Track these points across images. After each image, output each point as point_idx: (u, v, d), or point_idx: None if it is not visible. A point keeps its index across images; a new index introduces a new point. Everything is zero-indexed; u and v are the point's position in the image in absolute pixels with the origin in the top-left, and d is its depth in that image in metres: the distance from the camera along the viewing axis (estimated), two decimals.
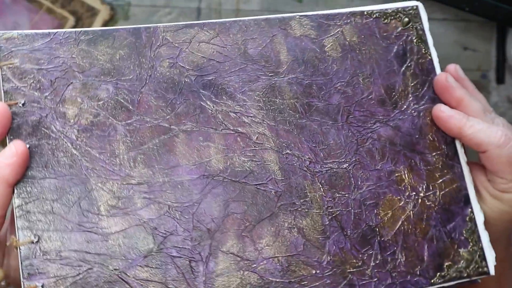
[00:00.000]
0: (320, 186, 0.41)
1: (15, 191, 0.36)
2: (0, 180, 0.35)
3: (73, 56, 0.39)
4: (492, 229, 0.44)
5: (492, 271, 0.43)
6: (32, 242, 0.35)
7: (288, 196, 0.40)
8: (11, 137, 0.37)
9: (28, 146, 0.37)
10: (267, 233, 0.39)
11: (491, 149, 0.42)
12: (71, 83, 0.39)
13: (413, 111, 0.44)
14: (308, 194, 0.41)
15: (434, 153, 0.44)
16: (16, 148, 0.36)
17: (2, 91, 0.37)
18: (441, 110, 0.44)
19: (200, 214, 0.39)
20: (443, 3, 0.55)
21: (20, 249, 0.35)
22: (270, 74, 0.42)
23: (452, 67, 0.46)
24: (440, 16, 0.58)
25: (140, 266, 0.37)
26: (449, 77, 0.44)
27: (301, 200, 0.41)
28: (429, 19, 0.46)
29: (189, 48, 0.42)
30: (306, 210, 0.41)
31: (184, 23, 0.42)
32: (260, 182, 0.40)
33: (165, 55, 0.41)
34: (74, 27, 0.56)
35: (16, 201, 0.36)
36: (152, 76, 0.40)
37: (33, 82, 0.38)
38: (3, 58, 0.38)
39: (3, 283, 0.36)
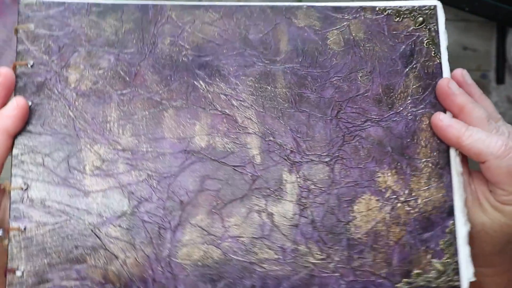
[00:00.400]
0: (297, 176, 0.42)
1: (15, 142, 0.41)
2: (2, 130, 0.39)
3: (83, 25, 0.43)
4: (493, 241, 0.42)
5: (465, 286, 0.42)
6: (22, 189, 0.40)
7: (263, 181, 0.42)
8: (18, 94, 0.41)
9: (30, 103, 0.41)
10: (237, 213, 0.41)
11: (491, 159, 0.40)
12: (77, 50, 0.42)
13: (409, 114, 0.44)
14: (284, 182, 0.42)
15: (424, 160, 0.43)
16: (17, 102, 0.40)
17: (16, 52, 0.42)
18: (439, 119, 0.43)
19: (175, 186, 0.41)
20: (443, 3, 0.51)
21: (10, 193, 0.40)
22: (266, 61, 0.44)
23: (459, 72, 0.45)
24: None
25: (112, 225, 0.40)
26: (451, 83, 0.43)
27: (276, 187, 0.42)
28: None
29: (191, 28, 0.44)
30: (279, 197, 0.42)
31: (191, 3, 0.44)
32: (238, 164, 0.42)
33: (167, 33, 0.43)
34: None
35: (14, 151, 0.41)
36: (152, 52, 0.43)
37: (43, 46, 0.42)
38: (21, 21, 0.42)
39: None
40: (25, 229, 0.40)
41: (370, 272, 0.41)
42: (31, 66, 0.42)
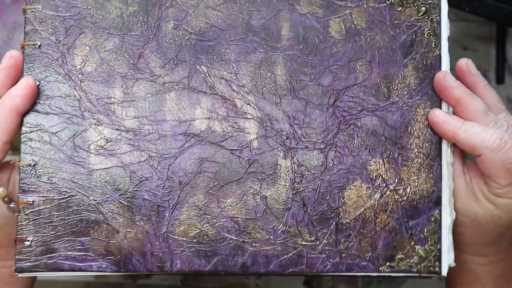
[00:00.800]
0: (292, 161, 0.44)
1: (23, 120, 0.43)
2: (11, 108, 0.41)
3: (89, 7, 0.44)
4: (485, 231, 0.44)
5: (444, 273, 0.44)
6: (30, 165, 0.43)
7: (259, 165, 0.44)
8: (26, 74, 0.43)
9: (38, 83, 0.43)
10: (232, 194, 0.44)
11: (486, 152, 0.41)
12: (83, 32, 0.44)
13: (404, 105, 0.45)
14: (279, 167, 0.44)
15: (416, 150, 0.45)
16: (26, 82, 0.42)
17: (24, 32, 0.43)
18: (435, 115, 0.44)
19: (175, 167, 0.43)
20: None
21: (20, 169, 0.43)
22: (267, 48, 0.44)
23: (464, 62, 0.45)
24: None
25: (114, 201, 0.43)
26: (448, 76, 0.44)
27: (271, 171, 0.44)
28: None
29: (195, 12, 0.44)
30: (273, 181, 0.44)
31: None
32: (236, 148, 0.44)
33: (171, 16, 0.44)
34: None
35: (23, 129, 0.43)
36: (156, 35, 0.44)
37: (50, 27, 0.43)
38: (28, 2, 0.43)
39: (6, 199, 0.44)
40: (33, 202, 0.42)
41: (356, 255, 0.44)
42: (39, 46, 0.43)
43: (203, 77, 0.44)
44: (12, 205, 0.43)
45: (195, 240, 0.43)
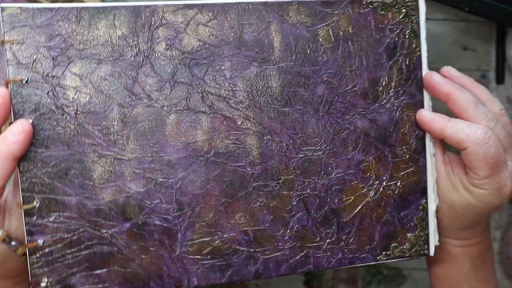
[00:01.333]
0: (293, 170, 0.46)
1: (20, 162, 0.40)
2: (8, 156, 0.39)
3: (74, 34, 0.41)
4: (460, 217, 0.48)
5: (431, 253, 0.49)
6: (35, 207, 0.41)
7: (263, 178, 0.45)
8: (16, 113, 0.40)
9: (31, 121, 0.40)
10: (240, 209, 0.45)
11: (471, 146, 0.44)
12: (72, 61, 0.41)
13: (391, 106, 0.47)
14: (281, 177, 0.46)
15: (403, 147, 0.48)
16: (22, 126, 0.39)
17: (7, 67, 0.40)
18: (423, 115, 0.47)
19: (182, 189, 0.44)
20: (443, 3, 0.54)
21: (24, 212, 0.41)
22: (261, 61, 0.45)
23: (445, 69, 0.48)
24: (440, 16, 0.58)
25: (126, 230, 0.43)
26: (434, 75, 0.46)
27: (274, 182, 0.45)
28: (429, 19, 0.47)
29: (186, 30, 0.43)
30: (277, 191, 0.46)
31: (183, 2, 0.43)
32: (239, 164, 0.45)
33: (162, 37, 0.43)
34: None
35: (21, 170, 0.41)
36: (149, 58, 0.42)
37: (35, 58, 0.40)
38: (7, 34, 0.40)
39: (6, 239, 0.42)
40: (43, 243, 0.41)
41: (356, 249, 0.48)
42: (26, 81, 0.40)
43: (201, 96, 0.44)
44: (13, 243, 0.42)
45: (209, 257, 0.45)
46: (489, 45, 0.62)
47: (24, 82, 0.40)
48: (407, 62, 0.47)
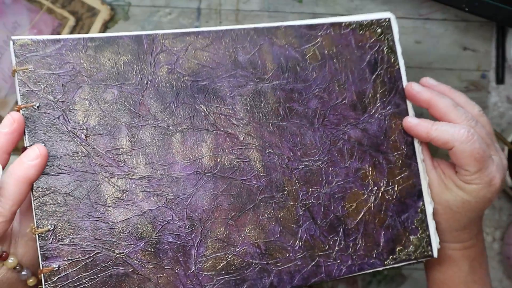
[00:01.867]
0: (296, 181, 0.48)
1: (34, 185, 0.41)
2: (25, 180, 0.40)
3: (82, 61, 0.43)
4: (457, 217, 0.50)
5: (435, 254, 0.51)
6: (49, 230, 0.41)
7: (268, 190, 0.47)
8: (29, 137, 0.41)
9: (43, 144, 0.41)
10: (249, 222, 0.46)
11: (457, 145, 0.47)
12: (80, 87, 0.43)
13: (380, 115, 0.51)
14: (286, 188, 0.47)
15: (395, 153, 0.51)
16: (40, 151, 0.40)
17: (19, 95, 0.42)
18: (409, 121, 0.50)
19: (193, 206, 0.45)
20: (443, 3, 0.56)
21: (38, 236, 0.41)
22: (256, 80, 0.48)
23: (424, 79, 0.53)
24: (440, 16, 0.61)
25: (141, 249, 0.43)
26: (414, 85, 0.50)
27: (280, 194, 0.47)
28: (429, 19, 0.50)
29: (185, 55, 0.46)
30: (284, 202, 0.47)
31: (181, 30, 0.46)
32: (245, 178, 0.46)
33: (164, 62, 0.45)
34: (74, 27, 0.58)
35: (34, 194, 0.41)
36: (152, 81, 0.45)
37: (46, 86, 0.42)
38: (18, 64, 0.42)
39: (17, 268, 0.42)
40: (58, 267, 0.41)
41: (364, 254, 0.49)
42: (38, 107, 0.42)
43: (204, 115, 0.46)
44: (24, 273, 0.41)
45: (223, 272, 0.45)
46: (489, 45, 0.63)
47: (35, 107, 0.42)
48: (389, 75, 0.51)
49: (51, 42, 0.43)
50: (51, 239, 0.41)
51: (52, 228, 0.41)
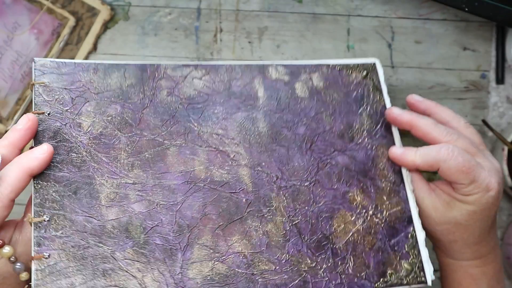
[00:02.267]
0: (284, 198, 0.50)
1: (35, 180, 0.45)
2: (27, 170, 0.44)
3: (91, 81, 0.49)
4: (469, 230, 0.50)
5: (429, 282, 0.50)
6: (44, 221, 0.44)
7: (256, 204, 0.49)
8: (37, 138, 0.46)
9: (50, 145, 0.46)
10: (237, 232, 0.48)
11: (441, 164, 0.49)
12: (88, 101, 0.49)
13: (367, 145, 0.53)
14: (273, 204, 0.49)
15: (383, 180, 0.52)
16: (48, 147, 0.45)
17: (33, 103, 0.47)
18: (393, 152, 0.53)
19: (182, 212, 0.47)
20: (443, 3, 0.57)
21: (33, 224, 0.44)
22: (248, 107, 0.52)
23: (409, 97, 0.56)
24: (440, 16, 0.63)
25: (129, 248, 0.45)
26: (393, 109, 0.54)
27: (267, 208, 0.49)
28: (429, 19, 0.51)
29: (184, 82, 0.52)
30: (271, 216, 0.49)
31: (181, 63, 0.53)
32: (234, 191, 0.49)
33: (164, 86, 0.51)
34: (74, 27, 0.61)
35: (35, 186, 0.45)
36: (152, 101, 0.50)
37: (58, 97, 0.48)
38: (37, 78, 0.48)
39: (12, 259, 0.44)
40: (49, 256, 0.43)
41: (353, 275, 0.48)
42: (48, 114, 0.47)
43: (197, 133, 0.50)
44: (18, 266, 0.43)
45: (208, 277, 0.46)
46: (489, 45, 0.64)
47: (46, 114, 0.47)
48: (375, 110, 0.55)
49: (67, 64, 0.50)
50: (45, 229, 0.44)
51: (47, 219, 0.44)
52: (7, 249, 0.43)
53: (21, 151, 0.46)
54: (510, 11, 0.56)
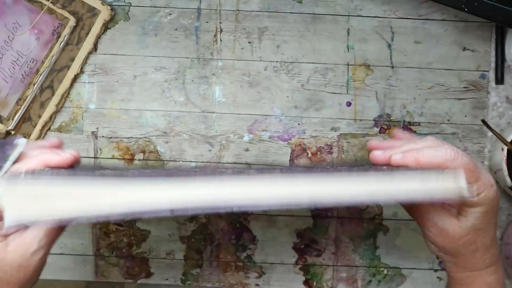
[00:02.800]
0: None
1: None
2: (43, 160, 0.44)
3: None
4: (487, 230, 0.50)
5: None
6: None
7: None
8: None
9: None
10: None
11: (449, 164, 0.48)
12: None
13: None
14: None
15: None
16: (74, 152, 0.47)
17: None
18: (394, 158, 0.50)
19: None
20: (443, 3, 0.57)
21: None
22: None
23: (394, 131, 0.57)
24: (439, 16, 0.63)
25: None
26: (374, 153, 0.52)
27: None
28: (429, 19, 0.53)
29: None
30: None
31: None
32: None
33: None
34: (75, 27, 0.62)
35: None
36: None
37: None
38: None
39: None
40: None
41: None
42: None
43: None
44: None
45: None
46: (489, 45, 0.64)
47: None
48: None
49: None
50: None
51: None
52: None
53: None
54: (510, 11, 0.56)
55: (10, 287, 0.42)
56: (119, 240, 0.63)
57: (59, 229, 0.44)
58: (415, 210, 0.52)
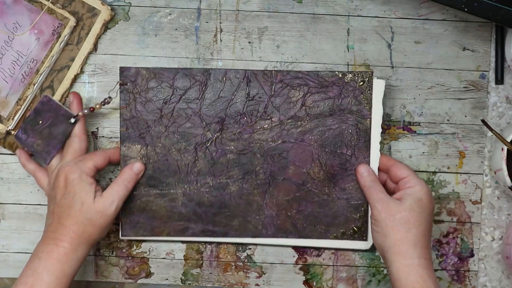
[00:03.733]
0: None
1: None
2: (108, 153, 0.60)
3: None
4: (423, 206, 0.56)
5: None
6: None
7: None
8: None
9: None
10: None
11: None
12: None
13: None
14: None
15: None
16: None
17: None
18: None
19: None
20: (443, 3, 0.57)
21: None
22: None
23: (382, 159, 0.61)
24: (439, 16, 0.63)
25: None
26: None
27: None
28: (429, 19, 0.54)
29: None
30: None
31: None
32: None
33: None
34: (75, 27, 0.62)
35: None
36: None
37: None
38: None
39: None
40: None
41: None
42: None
43: None
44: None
45: None
46: (488, 45, 0.64)
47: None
48: None
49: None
50: None
51: None
52: None
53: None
54: (510, 11, 0.57)
55: (95, 228, 0.57)
56: (119, 240, 0.63)
57: (127, 193, 0.59)
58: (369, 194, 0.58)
